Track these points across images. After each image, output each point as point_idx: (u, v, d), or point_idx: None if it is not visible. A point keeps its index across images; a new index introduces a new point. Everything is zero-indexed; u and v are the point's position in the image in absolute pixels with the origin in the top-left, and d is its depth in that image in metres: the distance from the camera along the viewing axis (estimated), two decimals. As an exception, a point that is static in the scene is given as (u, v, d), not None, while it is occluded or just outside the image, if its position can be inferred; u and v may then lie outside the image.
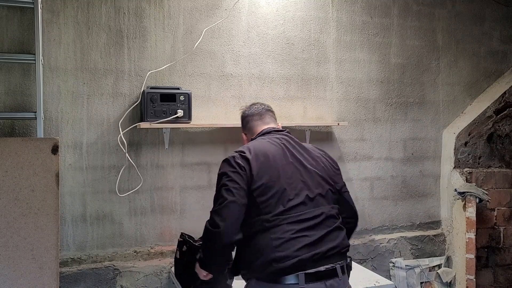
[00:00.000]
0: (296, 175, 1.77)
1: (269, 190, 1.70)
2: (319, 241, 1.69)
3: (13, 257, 1.99)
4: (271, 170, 1.74)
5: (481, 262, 3.24)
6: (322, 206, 1.77)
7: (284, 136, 1.91)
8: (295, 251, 1.64)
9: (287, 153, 1.82)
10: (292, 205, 1.71)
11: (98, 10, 2.48)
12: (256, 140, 1.91)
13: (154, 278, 2.55)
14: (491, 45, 3.44)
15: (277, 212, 1.69)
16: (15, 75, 2.33)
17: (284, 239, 1.65)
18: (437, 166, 3.32)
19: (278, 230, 1.66)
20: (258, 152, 1.77)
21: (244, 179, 1.70)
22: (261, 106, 2.08)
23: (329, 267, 1.69)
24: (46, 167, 2.06)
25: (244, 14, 2.77)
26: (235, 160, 1.74)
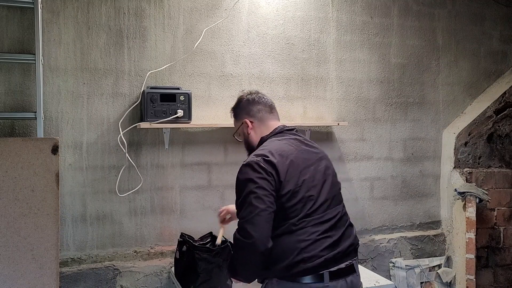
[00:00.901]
0: (314, 177, 1.77)
1: (296, 195, 1.70)
2: (339, 240, 1.73)
3: (13, 257, 1.99)
4: (296, 174, 1.72)
5: (481, 262, 3.24)
6: (337, 206, 1.81)
7: (297, 136, 1.89)
8: (321, 251, 1.67)
9: (305, 155, 1.81)
10: (315, 208, 1.72)
11: (98, 10, 2.48)
12: (272, 141, 1.84)
13: (154, 278, 2.55)
14: (491, 45, 3.44)
15: (303, 215, 1.69)
16: (15, 75, 2.33)
17: (310, 240, 1.67)
18: (437, 166, 3.32)
19: (304, 232, 1.67)
20: (282, 156, 1.73)
21: (272, 185, 1.67)
22: (270, 99, 2.01)
23: (348, 263, 1.73)
24: (46, 167, 2.06)
25: (244, 14, 2.77)
26: (260, 165, 1.68)
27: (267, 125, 1.93)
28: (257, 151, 1.78)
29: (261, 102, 1.96)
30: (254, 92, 2.00)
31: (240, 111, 1.99)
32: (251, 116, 1.95)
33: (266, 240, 1.62)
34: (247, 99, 1.98)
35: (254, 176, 1.67)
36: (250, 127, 1.94)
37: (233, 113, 2.04)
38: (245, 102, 1.97)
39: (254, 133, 1.94)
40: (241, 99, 2.00)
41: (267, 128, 1.92)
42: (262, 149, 1.78)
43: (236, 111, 2.02)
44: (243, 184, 1.69)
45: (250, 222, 1.62)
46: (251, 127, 1.94)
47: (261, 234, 1.61)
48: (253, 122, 1.94)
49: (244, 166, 1.73)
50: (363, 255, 3.04)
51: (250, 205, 1.64)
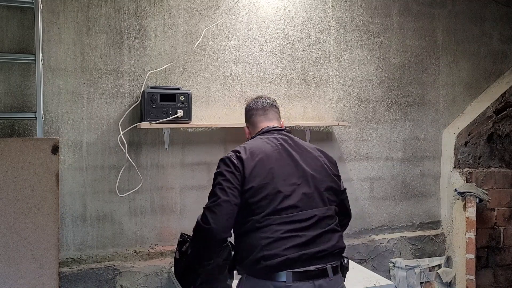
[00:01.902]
0: (291, 176, 1.78)
1: (261, 192, 1.72)
2: (310, 242, 1.71)
3: (13, 257, 1.99)
4: (265, 171, 1.76)
5: (481, 262, 3.24)
6: (317, 208, 1.78)
7: (283, 136, 1.90)
8: (283, 250, 1.67)
9: (283, 154, 1.83)
10: (284, 206, 1.72)
11: (98, 10, 2.48)
12: (253, 139, 1.93)
13: (154, 278, 2.55)
14: (491, 45, 3.44)
15: (268, 212, 1.71)
16: (15, 75, 2.33)
17: (272, 238, 1.68)
18: (437, 166, 3.32)
19: (267, 230, 1.70)
20: (253, 153, 1.79)
21: (238, 179, 1.74)
22: (266, 101, 2.07)
23: (319, 267, 1.70)
24: (46, 167, 2.06)
25: (244, 14, 2.77)
26: (230, 160, 1.77)
27: (257, 127, 2.03)
28: (235, 147, 1.87)
29: (254, 107, 2.06)
30: (254, 98, 2.11)
31: (245, 116, 2.13)
32: (248, 122, 2.10)
33: (222, 231, 1.69)
34: (246, 107, 2.12)
35: (223, 169, 1.76)
36: (247, 132, 2.10)
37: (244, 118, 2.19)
38: (245, 110, 2.12)
39: (250, 137, 2.05)
40: (246, 105, 2.13)
41: (257, 130, 2.02)
42: (240, 146, 1.86)
43: (244, 116, 2.15)
44: (215, 176, 1.79)
45: (211, 210, 1.70)
46: (248, 132, 2.09)
47: (218, 223, 1.68)
48: (249, 127, 2.08)
49: (219, 160, 1.82)
50: (363, 255, 3.04)
51: (214, 195, 1.73)
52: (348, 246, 2.47)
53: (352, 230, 3.06)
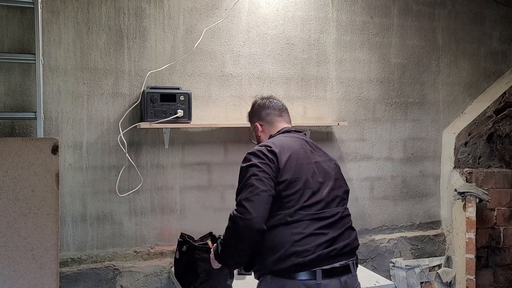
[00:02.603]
0: (316, 174, 1.81)
1: (294, 185, 1.73)
2: (335, 239, 1.73)
3: (13, 257, 1.99)
4: (296, 166, 1.77)
5: (481, 262, 3.24)
6: (339, 207, 1.82)
7: (303, 137, 1.95)
8: (314, 247, 1.67)
9: (308, 153, 1.86)
10: (313, 202, 1.74)
11: (98, 10, 2.48)
12: (277, 137, 1.93)
13: (154, 278, 2.55)
14: (491, 45, 3.44)
15: (299, 207, 1.71)
16: (15, 75, 2.33)
17: (305, 234, 1.68)
18: (437, 166, 3.32)
19: (299, 225, 1.69)
20: (283, 148, 1.80)
21: (273, 171, 1.73)
22: (281, 103, 2.11)
23: (343, 263, 1.73)
24: (46, 167, 2.06)
25: (244, 14, 2.77)
26: (263, 152, 1.76)
27: (275, 126, 2.02)
28: (261, 144, 1.87)
29: (271, 106, 2.06)
30: (266, 97, 2.12)
31: (253, 116, 2.11)
32: (261, 120, 2.06)
33: (262, 220, 1.65)
34: (259, 104, 2.09)
35: (256, 161, 1.74)
36: (260, 129, 2.05)
37: (248, 118, 2.18)
38: (257, 107, 2.09)
39: (264, 135, 2.04)
40: (254, 104, 2.12)
41: (275, 129, 2.01)
42: (268, 141, 1.88)
43: (250, 115, 2.15)
44: (245, 169, 1.75)
45: (250, 200, 1.66)
46: (261, 130, 2.05)
47: (259, 213, 1.65)
48: (263, 125, 2.04)
49: (248, 154, 1.80)
50: (363, 255, 3.04)
51: (251, 186, 1.69)
52: (348, 246, 2.47)
53: (352, 230, 3.06)
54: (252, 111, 2.13)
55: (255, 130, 2.08)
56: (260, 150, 1.78)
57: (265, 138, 2.02)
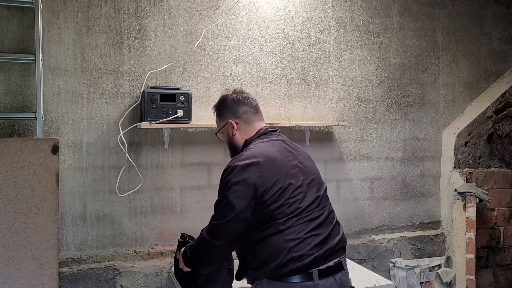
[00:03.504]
0: (300, 178, 1.77)
1: (282, 196, 1.69)
2: (327, 238, 1.73)
3: (13, 257, 1.98)
4: (281, 176, 1.72)
5: (481, 262, 3.24)
6: (324, 203, 1.81)
7: (279, 137, 1.89)
8: (309, 250, 1.66)
9: (289, 157, 1.81)
10: (302, 207, 1.72)
11: (98, 10, 2.48)
12: (257, 144, 1.83)
13: (154, 278, 2.55)
14: (491, 45, 3.44)
15: (291, 215, 1.69)
16: (15, 75, 2.33)
17: (299, 239, 1.67)
18: (437, 166, 3.32)
19: (292, 232, 1.67)
20: (265, 159, 1.73)
21: (250, 191, 1.66)
22: (253, 98, 1.98)
23: (336, 261, 1.73)
24: (46, 167, 2.06)
25: (244, 14, 2.77)
26: (242, 169, 1.68)
27: (252, 126, 1.91)
28: (242, 154, 1.78)
29: (247, 103, 1.94)
30: (239, 92, 1.98)
31: (225, 111, 1.94)
32: (236, 117, 1.91)
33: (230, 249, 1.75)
34: (233, 99, 1.94)
35: (234, 180, 1.68)
36: (235, 128, 1.91)
37: (216, 112, 2.00)
38: (231, 102, 1.94)
39: (239, 134, 1.91)
40: (226, 98, 1.96)
41: (252, 130, 1.90)
42: (247, 151, 1.78)
43: (220, 110, 1.97)
44: (223, 185, 1.72)
45: (219, 227, 1.68)
46: (236, 128, 1.91)
47: (226, 242, 1.69)
48: (239, 123, 1.91)
49: (229, 168, 1.72)
50: (363, 255, 3.04)
51: (222, 209, 1.68)
52: (348, 246, 2.47)
53: (352, 230, 3.06)
54: (224, 106, 1.95)
55: (228, 128, 1.92)
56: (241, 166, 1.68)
57: (240, 138, 1.90)
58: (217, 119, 2.00)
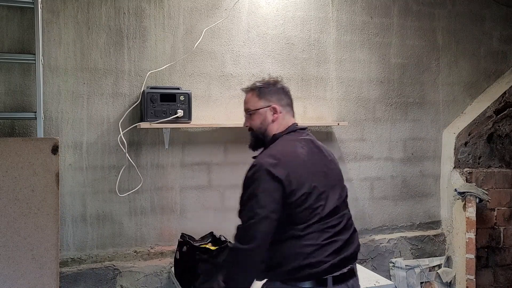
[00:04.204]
0: (325, 182, 1.72)
1: (306, 201, 1.64)
2: (345, 245, 1.71)
3: (13, 257, 1.98)
4: (307, 179, 1.66)
5: (481, 262, 3.24)
6: (344, 210, 1.79)
7: (309, 137, 1.82)
8: (326, 257, 1.64)
9: (316, 158, 1.75)
10: (323, 215, 1.68)
11: (98, 10, 2.48)
12: (285, 141, 1.75)
13: (154, 278, 2.55)
14: (491, 45, 3.44)
15: (311, 221, 1.65)
16: (15, 75, 2.33)
17: (317, 245, 1.64)
18: (437, 166, 3.32)
19: (311, 237, 1.64)
20: (294, 159, 1.67)
21: (280, 190, 1.60)
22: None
23: (349, 268, 1.72)
24: (46, 167, 2.06)
25: (244, 14, 2.77)
26: (271, 167, 1.60)
27: (286, 121, 1.81)
28: (271, 151, 1.70)
29: (289, 97, 1.86)
30: (281, 82, 1.89)
31: (271, 94, 1.80)
32: (281, 105, 1.79)
33: (263, 250, 1.59)
34: (283, 87, 1.84)
35: (264, 177, 1.59)
36: (276, 115, 1.78)
37: (257, 90, 1.81)
38: (280, 88, 1.83)
39: (276, 124, 1.78)
40: (276, 82, 1.84)
41: (285, 124, 1.79)
42: (275, 148, 1.71)
43: (264, 90, 1.80)
44: (248, 184, 1.63)
45: (249, 229, 1.59)
46: (277, 116, 1.78)
47: (259, 243, 1.58)
48: (281, 112, 1.79)
49: (254, 165, 1.64)
50: (363, 255, 3.04)
51: (250, 211, 1.59)
52: (348, 246, 2.47)
53: (352, 230, 3.06)
54: (271, 88, 1.80)
55: (267, 112, 1.77)
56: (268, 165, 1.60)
57: (274, 128, 1.78)
58: (254, 98, 1.81)
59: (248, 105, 1.83)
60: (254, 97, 1.81)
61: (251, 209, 1.59)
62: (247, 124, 1.84)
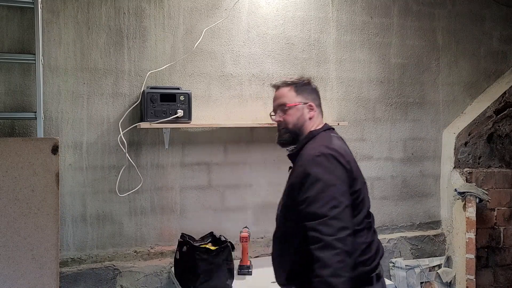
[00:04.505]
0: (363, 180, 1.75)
1: (360, 194, 1.64)
2: (379, 244, 1.75)
3: (13, 257, 1.98)
4: (358, 174, 1.67)
5: (481, 262, 3.24)
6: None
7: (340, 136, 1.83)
8: (373, 254, 1.67)
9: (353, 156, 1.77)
10: (367, 211, 1.71)
11: (98, 10, 2.48)
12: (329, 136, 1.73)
13: (154, 278, 2.55)
14: (491, 45, 3.44)
15: (363, 216, 1.65)
16: (15, 75, 2.33)
17: (367, 242, 1.65)
18: (437, 166, 3.32)
19: (363, 234, 1.64)
20: (345, 152, 1.66)
21: (348, 179, 1.58)
22: None
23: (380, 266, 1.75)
24: (46, 167, 2.06)
25: (244, 14, 2.77)
26: (336, 157, 1.57)
27: (320, 119, 1.81)
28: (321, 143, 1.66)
29: (320, 98, 1.87)
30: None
31: (308, 92, 1.81)
32: (316, 105, 1.80)
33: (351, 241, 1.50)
34: (316, 88, 1.86)
35: (334, 167, 1.54)
36: (313, 113, 1.77)
37: (295, 86, 1.80)
38: (314, 89, 1.85)
39: (312, 121, 1.77)
40: (311, 83, 1.85)
41: (319, 122, 1.80)
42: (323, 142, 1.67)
43: (301, 87, 1.80)
44: (320, 173, 1.53)
45: (339, 217, 1.48)
46: (313, 114, 1.78)
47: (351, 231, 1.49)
48: (316, 111, 1.80)
49: (317, 157, 1.57)
50: (363, 255, 3.04)
51: (334, 198, 1.49)
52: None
53: (352, 230, 3.06)
54: (308, 87, 1.81)
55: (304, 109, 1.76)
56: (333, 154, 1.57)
57: (309, 125, 1.76)
58: (291, 93, 1.79)
59: (283, 100, 1.79)
60: (291, 92, 1.79)
61: (332, 198, 1.50)
62: (279, 119, 1.80)
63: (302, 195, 1.55)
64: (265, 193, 2.83)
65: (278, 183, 2.83)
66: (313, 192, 1.52)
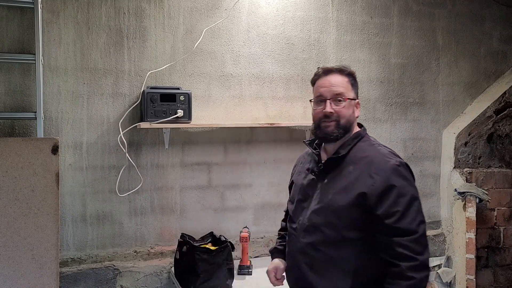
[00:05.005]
0: None
1: None
2: None
3: (13, 257, 1.99)
4: None
5: (481, 262, 3.24)
6: None
7: None
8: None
9: None
10: None
11: (98, 10, 2.48)
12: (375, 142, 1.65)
13: (154, 278, 2.55)
14: (491, 45, 3.44)
15: None
16: (15, 75, 2.33)
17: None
18: (437, 166, 3.32)
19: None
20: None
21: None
22: None
23: None
24: (46, 167, 2.06)
25: (244, 14, 2.77)
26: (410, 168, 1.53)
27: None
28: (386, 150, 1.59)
29: None
30: None
31: (357, 88, 1.65)
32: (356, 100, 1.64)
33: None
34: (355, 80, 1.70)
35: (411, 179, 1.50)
36: (358, 112, 1.63)
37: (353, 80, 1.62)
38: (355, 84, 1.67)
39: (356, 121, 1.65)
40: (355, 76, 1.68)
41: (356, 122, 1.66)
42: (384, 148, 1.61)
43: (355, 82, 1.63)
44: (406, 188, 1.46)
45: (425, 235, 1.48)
46: (358, 113, 1.63)
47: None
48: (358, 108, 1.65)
49: (398, 167, 1.49)
50: (363, 255, 3.04)
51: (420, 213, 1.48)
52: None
53: (352, 230, 3.05)
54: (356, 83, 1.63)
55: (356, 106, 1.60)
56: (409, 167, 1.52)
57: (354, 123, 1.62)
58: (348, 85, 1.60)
59: (340, 89, 1.57)
60: (348, 84, 1.60)
61: (418, 212, 1.48)
62: (332, 110, 1.56)
63: (388, 209, 1.45)
64: (265, 193, 2.83)
65: (278, 183, 2.83)
66: (401, 206, 1.45)
